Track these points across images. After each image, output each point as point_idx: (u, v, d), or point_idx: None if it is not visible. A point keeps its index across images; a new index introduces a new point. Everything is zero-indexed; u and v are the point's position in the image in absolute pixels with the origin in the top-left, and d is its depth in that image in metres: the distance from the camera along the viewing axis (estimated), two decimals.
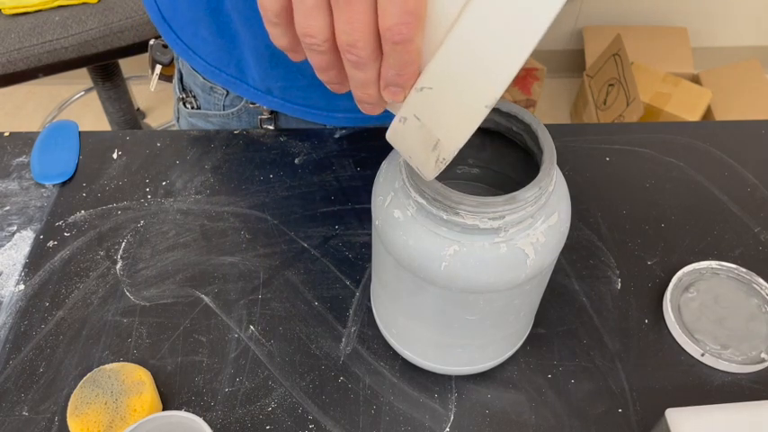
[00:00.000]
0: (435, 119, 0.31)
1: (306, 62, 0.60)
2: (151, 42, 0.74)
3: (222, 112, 0.69)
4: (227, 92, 0.67)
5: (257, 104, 0.66)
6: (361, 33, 0.29)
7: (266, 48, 0.57)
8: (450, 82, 0.30)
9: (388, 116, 0.35)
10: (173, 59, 0.73)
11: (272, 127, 0.68)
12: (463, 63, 0.29)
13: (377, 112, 0.34)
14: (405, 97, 0.32)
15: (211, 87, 0.67)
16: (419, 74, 0.31)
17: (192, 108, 0.71)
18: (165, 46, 0.73)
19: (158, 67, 0.74)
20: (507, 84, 0.29)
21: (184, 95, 0.71)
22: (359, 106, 0.34)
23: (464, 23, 0.28)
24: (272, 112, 0.67)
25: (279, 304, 0.54)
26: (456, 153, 0.32)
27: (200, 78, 0.67)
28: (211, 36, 0.59)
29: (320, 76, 0.33)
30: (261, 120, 0.67)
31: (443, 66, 0.30)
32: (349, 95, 0.64)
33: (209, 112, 0.70)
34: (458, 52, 0.29)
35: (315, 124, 0.67)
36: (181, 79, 0.71)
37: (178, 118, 0.75)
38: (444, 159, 0.33)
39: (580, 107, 1.91)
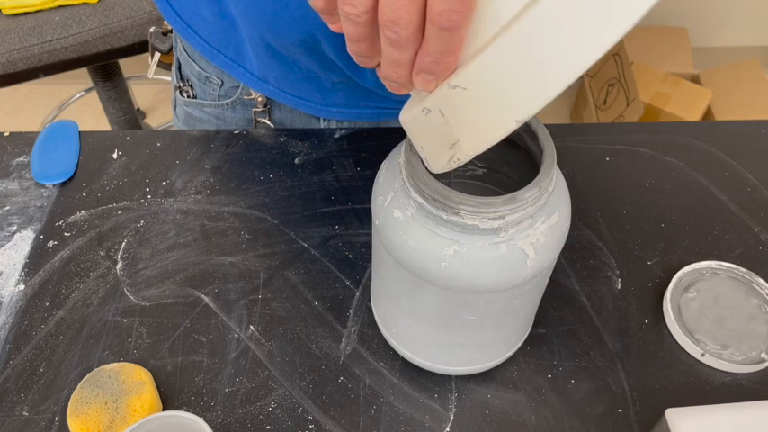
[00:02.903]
0: (461, 120, 0.31)
1: (301, 56, 0.59)
2: (151, 30, 0.74)
3: (216, 102, 0.69)
4: (222, 82, 0.67)
5: (252, 96, 0.66)
6: (407, 12, 0.27)
7: (261, 39, 0.57)
8: (486, 88, 0.29)
9: (383, 114, 0.35)
10: (171, 48, 0.73)
11: (266, 119, 0.68)
12: (504, 73, 0.28)
13: (402, 92, 0.33)
14: (435, 87, 0.31)
15: (207, 77, 0.67)
16: (455, 67, 0.30)
17: (189, 97, 0.71)
18: (164, 34, 0.74)
19: (157, 55, 0.74)
20: (544, 105, 0.28)
21: (181, 84, 0.71)
22: (384, 83, 0.33)
23: (515, 34, 0.27)
24: (265, 105, 0.67)
25: (279, 304, 0.54)
26: (472, 158, 0.31)
27: (197, 67, 0.67)
28: (212, 17, 0.59)
29: (350, 46, 0.32)
30: (255, 112, 0.67)
31: (483, 70, 0.29)
32: (346, 93, 0.64)
33: (204, 101, 0.70)
34: (502, 61, 0.28)
35: (309, 118, 0.67)
36: (179, 68, 0.71)
37: (175, 106, 0.76)
38: (458, 160, 0.32)
39: (580, 107, 1.91)
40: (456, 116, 0.31)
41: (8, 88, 1.24)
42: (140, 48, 1.27)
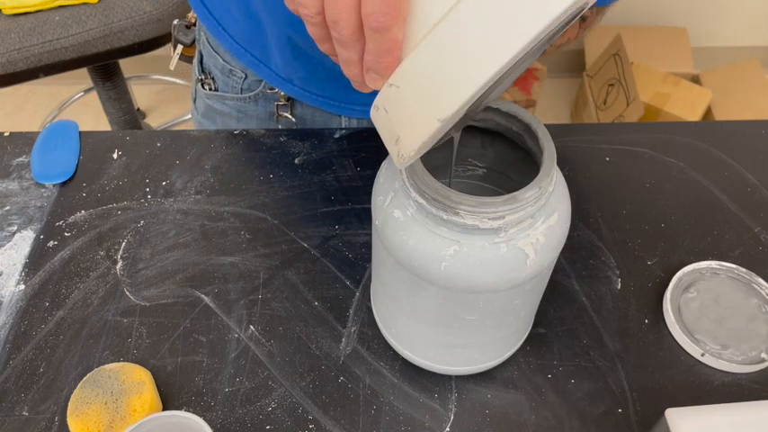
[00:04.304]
0: (399, 117, 0.32)
1: (326, 56, 0.60)
2: (174, 22, 0.75)
3: (239, 96, 0.69)
4: (246, 75, 0.67)
5: (275, 90, 0.66)
6: (344, 13, 0.30)
7: (288, 40, 0.58)
8: (413, 87, 0.31)
9: None
10: (194, 40, 0.74)
11: (287, 114, 0.68)
12: (427, 73, 0.30)
13: (364, 90, 0.35)
14: (382, 85, 0.32)
15: (230, 70, 0.68)
16: (397, 66, 0.31)
17: (210, 90, 0.71)
18: (187, 26, 0.74)
19: (180, 47, 0.75)
20: (459, 106, 0.29)
21: (203, 77, 0.72)
22: (351, 83, 0.35)
23: (434, 38, 0.29)
24: (288, 99, 0.67)
25: (279, 304, 0.54)
26: (415, 155, 0.33)
27: (220, 60, 0.68)
28: (241, 17, 0.60)
29: (320, 46, 0.34)
30: (277, 106, 0.68)
31: (410, 69, 0.30)
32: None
33: (227, 94, 0.70)
34: (424, 61, 0.30)
35: (330, 114, 0.67)
36: (201, 61, 0.72)
37: (195, 99, 0.76)
38: (404, 156, 0.33)
39: (580, 107, 1.91)
40: (395, 113, 0.32)
41: (8, 88, 1.24)
42: (140, 48, 1.27)
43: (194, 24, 0.74)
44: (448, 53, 0.29)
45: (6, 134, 0.67)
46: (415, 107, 0.31)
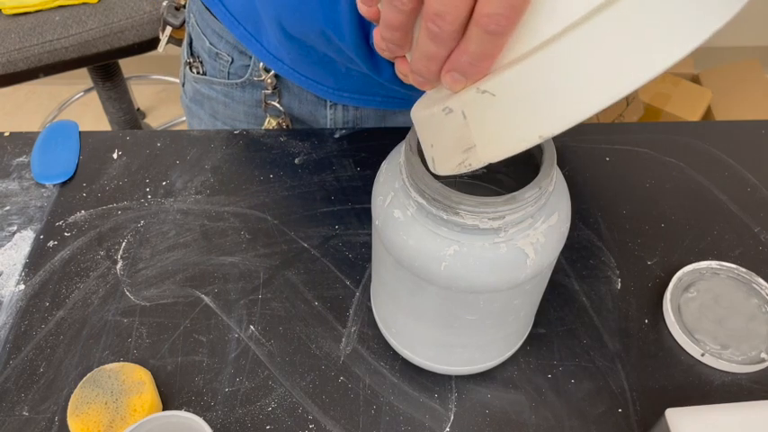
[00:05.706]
0: (482, 126, 0.30)
1: (318, 44, 0.59)
2: (164, 3, 0.74)
3: (226, 81, 0.69)
4: (232, 59, 0.67)
5: (261, 78, 0.66)
6: (455, 8, 0.27)
7: (278, 23, 0.57)
8: (517, 99, 0.28)
9: (390, 104, 0.35)
10: (183, 22, 0.73)
11: (275, 102, 0.68)
12: (539, 87, 0.28)
13: (426, 88, 0.33)
14: (462, 88, 0.30)
15: (217, 53, 0.68)
16: (488, 72, 0.29)
17: (198, 73, 0.71)
18: (177, 8, 0.74)
19: (168, 29, 0.74)
20: (572, 125, 0.28)
21: (191, 60, 0.72)
22: (410, 76, 0.32)
23: (556, 53, 0.27)
24: (275, 88, 0.67)
25: (279, 304, 0.54)
26: (483, 166, 0.31)
27: (207, 43, 0.68)
28: None
29: (384, 32, 0.31)
30: (265, 94, 0.68)
31: (518, 80, 0.28)
32: (358, 80, 0.63)
33: (214, 78, 0.70)
34: (538, 76, 0.27)
35: (316, 105, 0.67)
36: (190, 44, 0.72)
37: (183, 83, 0.76)
38: (470, 165, 0.31)
39: None
40: (479, 121, 0.30)
41: (8, 88, 1.25)
42: (140, 48, 1.27)
43: (183, 6, 0.74)
44: (570, 68, 0.26)
45: (6, 134, 0.67)
46: (511, 119, 0.29)
